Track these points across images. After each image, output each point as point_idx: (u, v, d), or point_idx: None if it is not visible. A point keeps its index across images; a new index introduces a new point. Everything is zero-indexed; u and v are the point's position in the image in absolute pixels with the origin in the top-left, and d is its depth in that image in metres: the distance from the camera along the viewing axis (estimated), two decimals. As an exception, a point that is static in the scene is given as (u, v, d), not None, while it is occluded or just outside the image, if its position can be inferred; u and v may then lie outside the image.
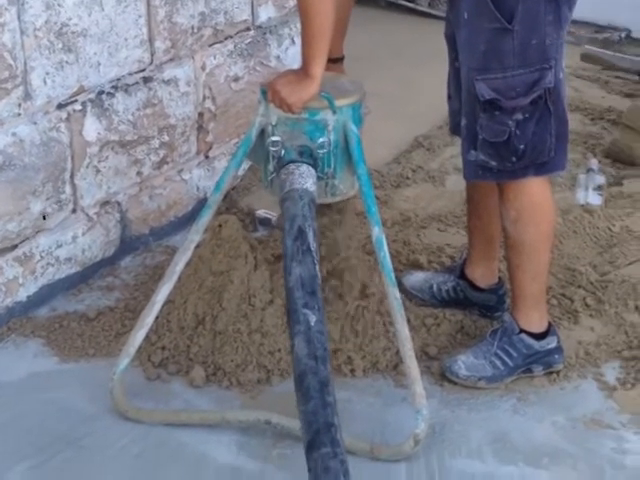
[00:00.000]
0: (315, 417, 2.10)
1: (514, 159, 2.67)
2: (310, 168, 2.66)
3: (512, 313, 2.90)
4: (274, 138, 2.71)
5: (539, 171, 2.72)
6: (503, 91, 2.61)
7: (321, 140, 2.70)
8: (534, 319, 2.87)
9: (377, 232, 2.68)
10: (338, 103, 2.69)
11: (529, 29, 2.58)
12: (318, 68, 2.63)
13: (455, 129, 2.93)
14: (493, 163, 2.69)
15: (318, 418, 2.09)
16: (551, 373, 2.89)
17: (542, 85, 2.61)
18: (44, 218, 3.10)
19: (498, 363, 2.85)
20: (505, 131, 2.64)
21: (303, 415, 2.12)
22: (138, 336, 2.74)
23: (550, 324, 2.91)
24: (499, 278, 3.10)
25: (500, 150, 2.67)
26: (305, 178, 2.62)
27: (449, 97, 2.96)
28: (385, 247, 2.67)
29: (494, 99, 2.61)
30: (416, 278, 3.23)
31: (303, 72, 2.66)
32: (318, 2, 2.56)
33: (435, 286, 3.17)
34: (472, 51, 2.64)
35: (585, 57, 5.11)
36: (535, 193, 2.74)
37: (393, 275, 2.66)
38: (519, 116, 2.63)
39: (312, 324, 2.27)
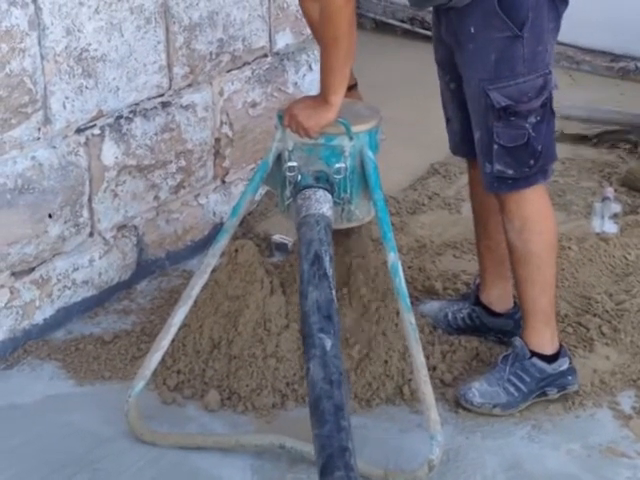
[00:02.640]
0: (329, 441, 2.10)
1: (532, 162, 2.72)
2: (326, 193, 2.67)
3: (523, 333, 2.89)
4: (291, 163, 2.73)
5: (545, 175, 2.79)
6: (517, 97, 2.66)
7: (337, 166, 2.71)
8: (546, 339, 2.86)
9: (393, 258, 2.68)
10: (355, 129, 2.70)
11: (536, 36, 2.65)
12: (339, 96, 2.65)
13: (455, 149, 3.03)
14: (510, 172, 2.72)
15: (332, 442, 2.09)
16: (567, 400, 2.89)
17: (548, 89, 2.70)
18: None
19: (512, 389, 2.84)
20: (524, 134, 2.69)
21: (317, 439, 2.12)
22: (154, 359, 2.74)
23: (561, 345, 2.91)
24: (514, 303, 3.10)
25: (519, 154, 2.71)
26: (321, 203, 2.63)
27: (447, 120, 2.99)
28: (401, 273, 2.67)
29: (509, 105, 2.66)
30: (431, 307, 3.23)
31: (322, 99, 2.67)
32: (347, 30, 2.60)
33: (450, 314, 3.16)
34: (482, 63, 2.68)
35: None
36: (536, 200, 2.79)
37: (409, 301, 2.66)
38: (533, 119, 2.69)
39: (328, 349, 2.27)
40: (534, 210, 2.78)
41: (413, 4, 2.80)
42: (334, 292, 2.42)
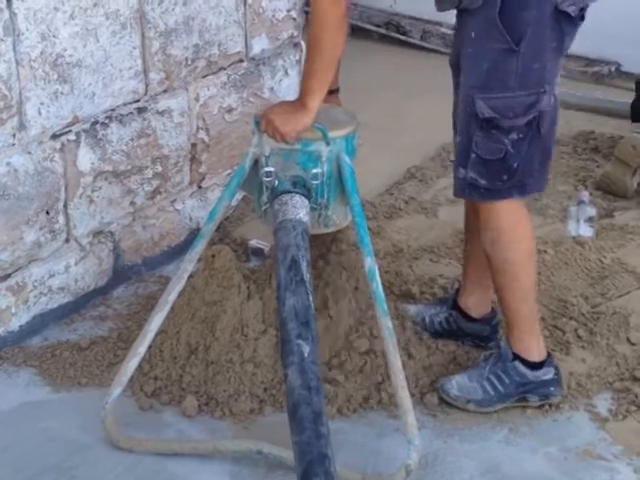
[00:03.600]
0: (309, 448, 2.10)
1: (505, 177, 2.70)
2: (303, 199, 2.68)
3: (508, 340, 2.90)
4: (267, 169, 2.73)
5: (522, 192, 2.76)
6: (502, 110, 2.64)
7: (314, 171, 2.72)
8: (532, 346, 2.87)
9: (370, 263, 2.68)
10: (331, 134, 2.71)
11: (533, 53, 2.62)
12: (316, 101, 2.65)
13: None
14: (482, 182, 2.72)
15: (312, 449, 2.10)
16: (543, 405, 2.90)
17: (537, 108, 2.65)
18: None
19: (489, 388, 2.85)
20: (501, 149, 2.67)
21: (297, 446, 2.12)
22: (130, 365, 2.73)
23: (549, 354, 2.91)
24: (492, 308, 3.10)
25: (493, 168, 2.69)
26: (298, 208, 2.63)
27: (454, 123, 2.97)
28: (377, 277, 2.67)
29: (492, 117, 2.65)
30: (408, 311, 3.23)
31: (300, 103, 2.68)
32: (333, 36, 2.60)
33: (427, 318, 3.17)
34: (475, 69, 2.67)
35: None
36: (511, 212, 2.77)
37: (385, 305, 2.66)
38: (514, 135, 2.66)
39: (306, 355, 2.27)
40: (508, 221, 2.77)
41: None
42: (311, 298, 2.42)
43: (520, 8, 2.59)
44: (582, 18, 2.68)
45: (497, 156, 2.68)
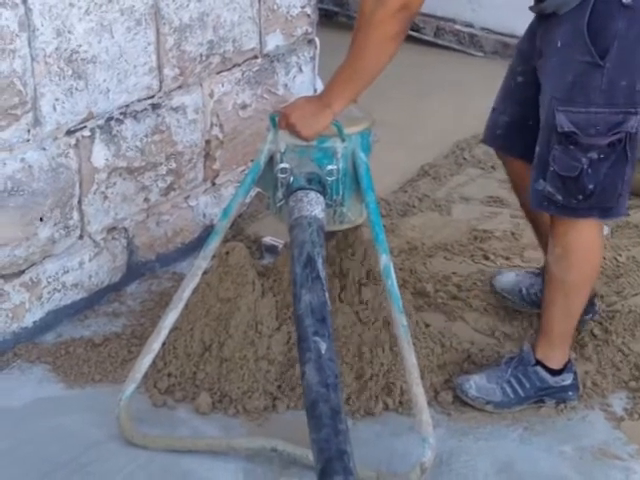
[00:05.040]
0: (328, 445, 2.09)
1: (580, 197, 2.60)
2: (319, 195, 2.66)
3: (535, 343, 2.88)
4: (283, 165, 2.72)
5: (603, 215, 2.67)
6: (583, 126, 2.53)
7: (330, 167, 2.70)
8: (555, 357, 2.85)
9: (385, 260, 2.67)
10: (347, 131, 2.69)
11: (621, 68, 2.49)
12: (343, 106, 2.61)
13: (492, 140, 2.97)
14: (559, 197, 2.62)
15: (331, 446, 2.09)
16: (558, 404, 2.89)
17: (624, 128, 2.53)
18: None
19: (509, 390, 2.84)
20: (577, 167, 2.56)
21: (315, 443, 2.11)
22: (144, 362, 2.73)
23: (569, 360, 2.89)
24: None
25: (568, 185, 2.60)
26: (313, 205, 2.62)
27: (493, 109, 2.93)
28: (393, 275, 2.66)
29: (572, 132, 2.54)
30: (507, 279, 3.27)
31: (324, 103, 2.62)
32: (383, 55, 2.54)
33: (524, 289, 3.19)
34: (559, 81, 2.56)
35: None
36: (586, 234, 2.68)
37: (401, 302, 2.66)
38: (594, 155, 2.55)
39: (323, 352, 2.26)
40: (579, 242, 2.68)
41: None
42: (327, 294, 2.42)
43: (608, 18, 2.46)
44: None
45: (573, 174, 2.57)
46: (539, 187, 2.66)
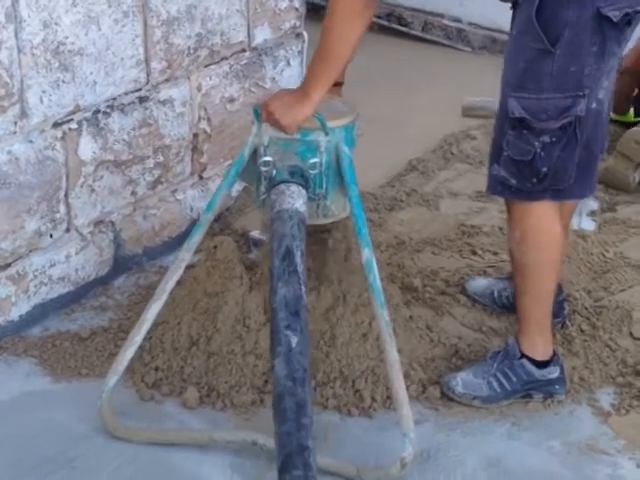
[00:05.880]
0: (289, 439, 2.10)
1: (534, 180, 2.66)
2: (301, 189, 2.66)
3: (517, 336, 2.88)
4: (266, 158, 2.71)
5: (556, 196, 2.70)
6: (534, 112, 2.59)
7: (312, 161, 2.70)
8: (538, 345, 2.85)
9: (367, 254, 2.67)
10: (330, 124, 2.69)
11: (570, 56, 2.54)
12: (320, 93, 2.63)
13: None
14: (513, 181, 2.68)
15: (292, 440, 2.09)
16: (546, 399, 2.88)
17: (573, 112, 2.58)
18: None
19: (495, 385, 2.84)
20: (530, 151, 2.62)
21: (278, 437, 2.13)
22: (127, 354, 2.72)
23: (555, 353, 2.89)
24: (558, 285, 3.03)
25: (522, 169, 2.65)
26: (295, 198, 2.62)
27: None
28: (375, 269, 2.66)
29: (524, 118, 2.60)
30: (478, 284, 3.30)
31: (302, 93, 2.65)
32: (348, 32, 2.56)
33: (496, 292, 3.23)
34: (512, 67, 2.63)
35: (466, 110, 4.89)
36: (542, 217, 2.72)
37: (382, 297, 2.65)
38: (546, 139, 2.61)
39: (293, 345, 2.27)
40: (536, 225, 2.72)
41: None
42: (304, 288, 2.41)
43: (558, 7, 2.51)
44: (629, 23, 2.57)
45: (526, 158, 2.63)
46: (494, 172, 2.72)
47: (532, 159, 2.63)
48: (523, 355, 2.85)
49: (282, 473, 2.05)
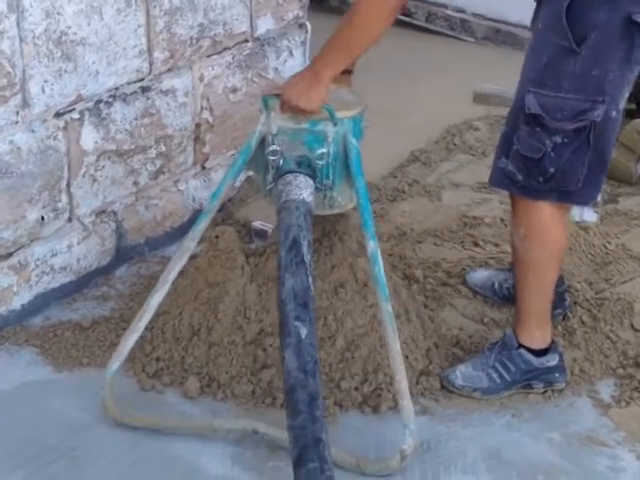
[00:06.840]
0: (304, 432, 2.09)
1: (541, 179, 2.63)
2: (308, 179, 2.66)
3: (514, 328, 2.89)
4: (273, 147, 2.71)
5: (562, 198, 2.68)
6: (550, 110, 2.56)
7: (320, 151, 2.70)
8: (536, 336, 2.86)
9: (372, 246, 2.66)
10: (339, 115, 2.68)
11: (594, 58, 2.51)
12: (329, 74, 2.62)
13: None
14: (520, 177, 2.66)
15: (306, 433, 2.08)
16: (546, 391, 2.89)
17: (589, 117, 2.55)
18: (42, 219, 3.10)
19: (495, 376, 2.85)
20: (540, 149, 2.59)
21: (291, 430, 2.11)
22: (129, 341, 2.73)
23: (553, 341, 2.90)
24: (560, 276, 3.02)
25: (530, 167, 2.63)
26: (302, 189, 2.61)
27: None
28: (380, 261, 2.66)
29: (539, 115, 2.57)
30: (479, 275, 3.30)
31: (312, 72, 2.64)
32: (375, 24, 2.58)
33: (496, 284, 3.23)
34: (533, 62, 2.60)
35: (478, 97, 4.92)
36: (546, 215, 2.70)
37: (387, 289, 2.65)
38: (558, 139, 2.58)
39: (303, 337, 2.25)
40: (541, 222, 2.71)
41: None
42: (311, 279, 2.40)
43: (589, 9, 2.48)
44: None
45: (535, 155, 2.60)
46: (501, 165, 2.70)
47: (541, 158, 2.60)
48: (520, 345, 2.85)
49: (298, 466, 2.05)
